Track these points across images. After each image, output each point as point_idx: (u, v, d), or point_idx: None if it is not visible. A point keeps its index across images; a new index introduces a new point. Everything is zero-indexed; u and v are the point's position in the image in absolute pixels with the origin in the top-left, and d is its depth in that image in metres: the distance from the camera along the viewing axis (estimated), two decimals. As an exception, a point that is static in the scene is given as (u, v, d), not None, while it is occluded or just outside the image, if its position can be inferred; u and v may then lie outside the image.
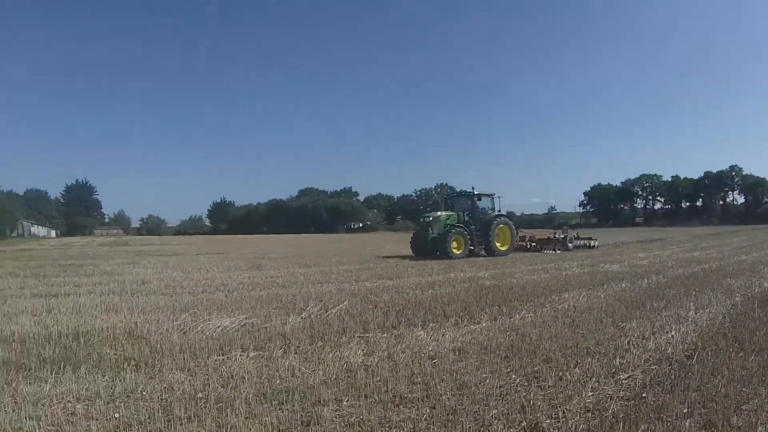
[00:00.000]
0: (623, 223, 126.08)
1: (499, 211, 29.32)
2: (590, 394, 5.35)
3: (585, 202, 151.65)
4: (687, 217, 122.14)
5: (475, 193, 28.67)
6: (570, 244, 31.10)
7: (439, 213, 27.99)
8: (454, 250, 25.57)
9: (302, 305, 10.90)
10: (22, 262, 26.67)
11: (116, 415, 4.87)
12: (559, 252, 29.14)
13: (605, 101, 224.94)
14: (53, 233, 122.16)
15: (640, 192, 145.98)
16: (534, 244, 31.24)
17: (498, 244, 27.47)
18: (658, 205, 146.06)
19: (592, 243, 32.82)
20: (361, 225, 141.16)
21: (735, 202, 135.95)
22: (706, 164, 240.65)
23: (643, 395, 5.31)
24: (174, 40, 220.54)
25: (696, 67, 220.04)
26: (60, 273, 19.34)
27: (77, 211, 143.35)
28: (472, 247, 26.63)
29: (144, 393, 5.49)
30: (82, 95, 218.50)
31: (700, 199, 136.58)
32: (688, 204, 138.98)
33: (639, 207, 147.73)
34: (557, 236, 31.40)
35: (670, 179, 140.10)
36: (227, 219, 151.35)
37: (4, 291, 13.75)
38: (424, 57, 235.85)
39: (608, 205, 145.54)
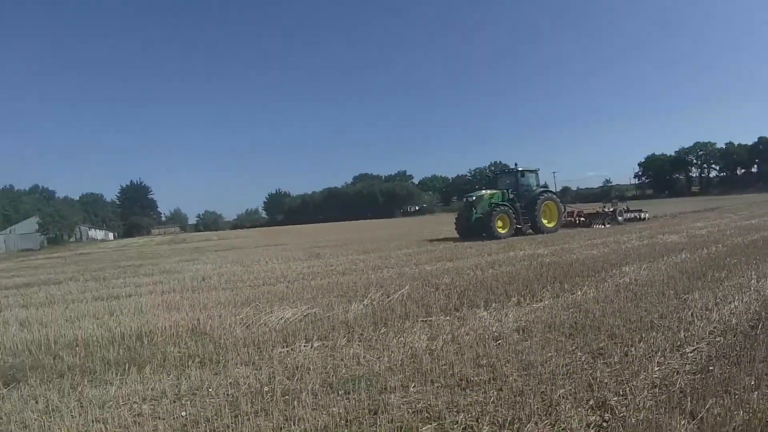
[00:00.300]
0: (679, 193, 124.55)
1: (545, 186, 28.95)
2: (656, 369, 5.32)
3: (640, 173, 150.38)
4: (742, 184, 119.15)
5: (519, 169, 28.20)
6: (620, 218, 30.87)
7: (482, 192, 27.49)
8: (500, 230, 25.08)
9: (363, 292, 10.97)
10: (82, 266, 27.56)
11: (183, 414, 4.99)
12: (608, 226, 28.76)
13: (658, 70, 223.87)
14: (111, 235, 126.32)
15: (694, 161, 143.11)
16: (583, 219, 30.87)
17: (545, 221, 27.09)
18: (713, 173, 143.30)
19: (642, 215, 32.41)
20: (417, 208, 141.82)
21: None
22: (761, 129, 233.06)
23: (710, 368, 5.25)
24: (228, 36, 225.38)
25: (746, 31, 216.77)
26: (120, 274, 19.92)
27: (133, 211, 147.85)
28: (519, 226, 26.13)
29: (210, 389, 5.60)
30: (134, 98, 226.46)
31: (755, 165, 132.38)
32: (743, 171, 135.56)
33: (694, 176, 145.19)
34: (606, 210, 31.00)
35: (724, 146, 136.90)
36: (283, 210, 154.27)
37: (66, 296, 14.21)
38: (481, 38, 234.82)
39: (663, 176, 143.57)
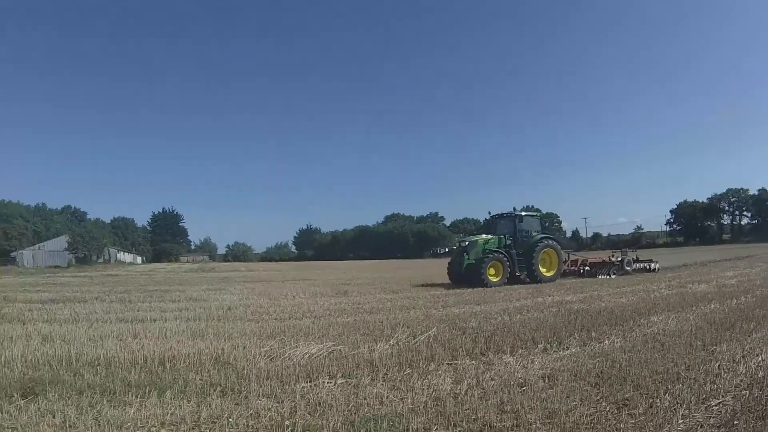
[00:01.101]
0: (710, 241, 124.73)
1: (547, 231, 28.66)
2: (681, 422, 5.27)
3: (671, 220, 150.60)
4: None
5: (518, 213, 27.70)
6: (628, 267, 29.96)
7: (477, 237, 26.94)
8: (491, 278, 24.27)
9: (389, 332, 10.95)
10: (108, 287, 28.06)
11: (202, 441, 5.01)
12: (614, 276, 27.95)
13: (690, 115, 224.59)
14: (139, 259, 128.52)
15: (726, 207, 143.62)
16: (587, 268, 29.95)
17: (543, 270, 26.18)
18: (744, 221, 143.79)
19: (652, 266, 31.24)
20: (447, 250, 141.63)
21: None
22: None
23: (735, 422, 5.20)
24: (265, 72, 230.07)
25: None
26: (146, 298, 20.22)
27: (164, 238, 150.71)
28: (518, 273, 25.53)
29: (230, 419, 5.63)
30: (171, 129, 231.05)
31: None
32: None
33: (725, 223, 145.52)
34: (613, 259, 30.21)
35: (756, 192, 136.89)
36: (313, 245, 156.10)
37: (90, 315, 14.49)
38: (515, 78, 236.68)
39: (695, 223, 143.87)
